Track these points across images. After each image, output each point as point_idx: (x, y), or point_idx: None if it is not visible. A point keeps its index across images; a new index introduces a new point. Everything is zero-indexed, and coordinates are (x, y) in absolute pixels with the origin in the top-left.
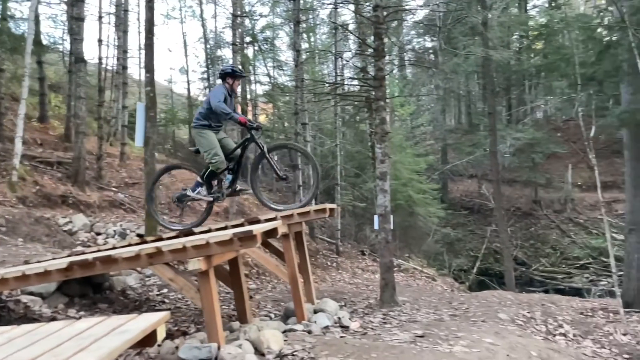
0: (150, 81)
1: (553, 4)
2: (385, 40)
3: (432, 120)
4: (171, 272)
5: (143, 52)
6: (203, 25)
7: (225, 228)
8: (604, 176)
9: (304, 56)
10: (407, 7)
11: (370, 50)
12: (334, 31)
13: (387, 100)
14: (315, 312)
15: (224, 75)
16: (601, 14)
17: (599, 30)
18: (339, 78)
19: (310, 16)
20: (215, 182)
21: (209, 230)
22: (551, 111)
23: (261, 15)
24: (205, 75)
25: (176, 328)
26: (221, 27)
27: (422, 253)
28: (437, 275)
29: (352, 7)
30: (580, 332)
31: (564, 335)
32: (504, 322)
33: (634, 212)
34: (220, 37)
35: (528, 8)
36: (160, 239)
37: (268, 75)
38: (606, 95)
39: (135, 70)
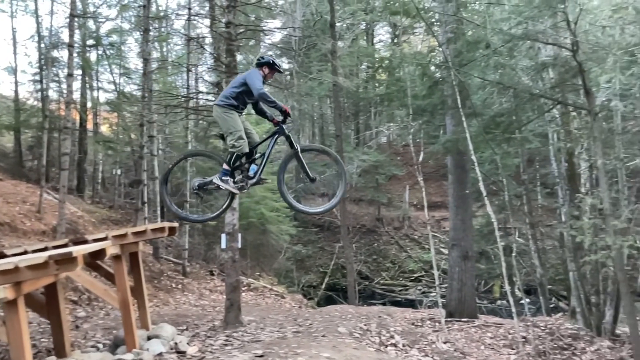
0: None
1: (395, 40)
2: (241, 57)
3: None
4: None
5: None
6: (37, 22)
7: (45, 249)
8: (435, 197)
9: (154, 65)
10: (263, 28)
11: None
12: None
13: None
14: (150, 338)
15: (261, 64)
16: (432, 53)
17: (432, 67)
18: (192, 91)
19: (164, 25)
20: (239, 172)
21: (25, 252)
22: (392, 137)
23: (107, 19)
24: (37, 77)
25: None
26: (59, 25)
27: (273, 271)
28: (287, 292)
29: (207, 21)
30: (409, 341)
31: (395, 345)
32: (343, 335)
33: (455, 229)
34: (58, 37)
35: (375, 42)
36: None
37: (113, 82)
38: (435, 125)
39: None
